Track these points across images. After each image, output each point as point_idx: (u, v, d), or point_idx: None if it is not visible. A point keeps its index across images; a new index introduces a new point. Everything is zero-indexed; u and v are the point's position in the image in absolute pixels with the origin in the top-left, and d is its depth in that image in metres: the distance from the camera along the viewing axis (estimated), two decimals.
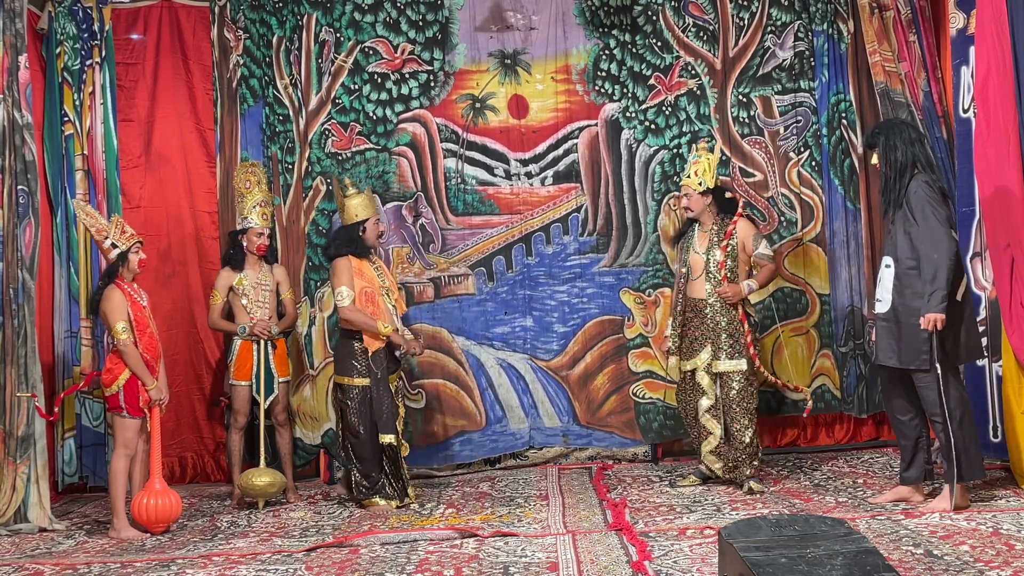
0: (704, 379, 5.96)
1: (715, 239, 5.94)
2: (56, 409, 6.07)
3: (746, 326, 5.87)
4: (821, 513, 5.01)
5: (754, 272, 6.01)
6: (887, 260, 5.20)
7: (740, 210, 6.00)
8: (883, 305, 5.19)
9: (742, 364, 5.84)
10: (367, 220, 6.10)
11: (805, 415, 6.49)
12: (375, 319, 5.93)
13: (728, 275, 5.88)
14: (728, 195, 6.09)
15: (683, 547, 4.52)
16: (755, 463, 5.87)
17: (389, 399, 5.95)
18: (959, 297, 5.05)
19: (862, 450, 6.90)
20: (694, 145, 6.68)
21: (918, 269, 5.01)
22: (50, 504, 5.88)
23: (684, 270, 6.11)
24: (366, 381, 5.95)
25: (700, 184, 5.98)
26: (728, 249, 5.89)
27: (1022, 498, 5.15)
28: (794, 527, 3.47)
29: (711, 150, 6.17)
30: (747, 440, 5.84)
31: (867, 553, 3.14)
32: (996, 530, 4.50)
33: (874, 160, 5.29)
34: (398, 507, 5.91)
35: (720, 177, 6.40)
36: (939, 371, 4.93)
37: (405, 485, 6.02)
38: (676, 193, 6.92)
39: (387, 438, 5.92)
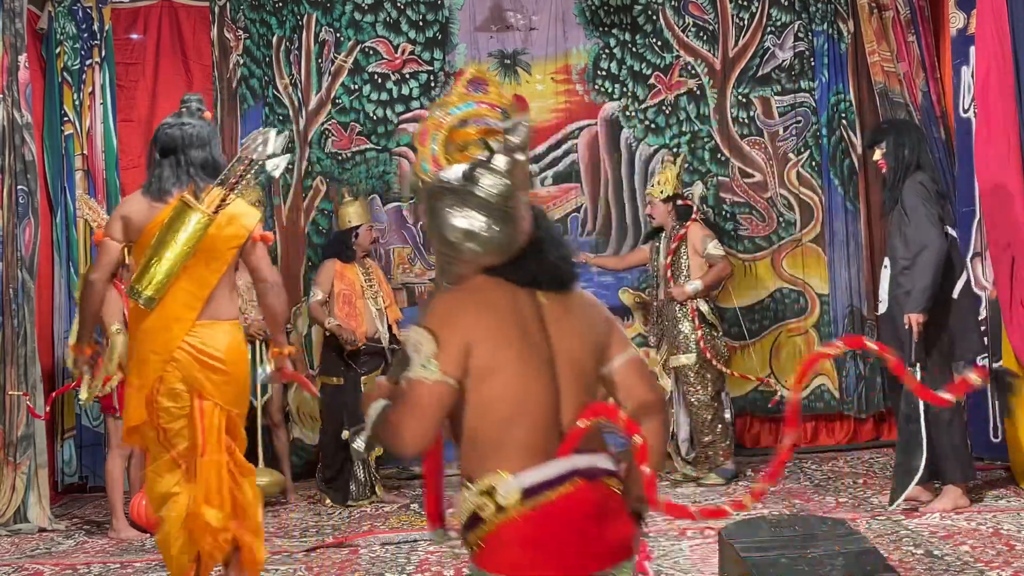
0: (660, 375, 6.28)
1: (670, 244, 6.27)
2: (47, 409, 6.04)
3: (696, 322, 6.12)
4: (821, 513, 5.01)
5: None
6: (886, 261, 5.22)
7: (694, 215, 6.28)
8: (883, 306, 5.20)
9: (691, 358, 6.12)
10: (359, 227, 6.22)
11: (771, 405, 6.64)
12: (349, 320, 6.03)
13: (675, 277, 6.20)
14: (681, 202, 6.31)
15: (683, 547, 4.52)
16: (717, 454, 6.11)
17: (354, 398, 5.93)
18: (955, 295, 5.04)
19: (862, 450, 6.90)
20: (662, 157, 6.98)
21: (911, 270, 5.00)
22: (50, 504, 5.88)
23: (652, 273, 6.50)
24: (333, 380, 6.07)
25: (661, 192, 6.31)
26: (675, 253, 6.22)
27: (1022, 498, 5.15)
28: (794, 527, 3.47)
29: (675, 162, 6.55)
30: (706, 439, 6.11)
31: (867, 553, 3.14)
32: (996, 530, 4.50)
33: (876, 156, 5.25)
34: (349, 505, 6.00)
35: (702, 186, 6.83)
36: (920, 371, 4.91)
37: (372, 484, 6.09)
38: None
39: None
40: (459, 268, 2.18)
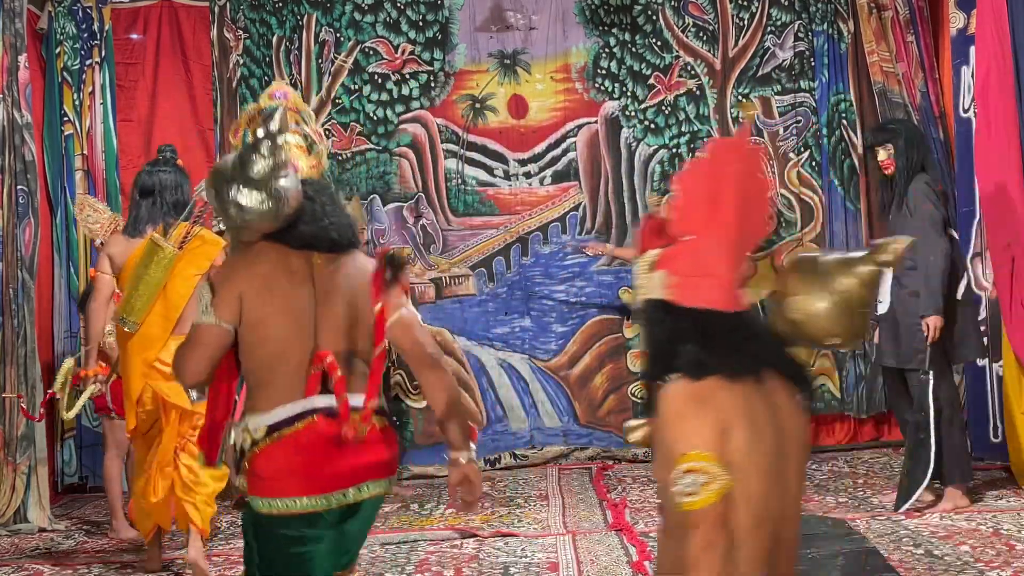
0: None
1: None
2: (41, 410, 6.01)
3: None
4: (821, 513, 5.02)
5: None
6: None
7: None
8: (883, 306, 5.19)
9: None
10: None
11: None
12: None
13: None
14: None
15: None
16: None
17: None
18: (959, 296, 5.04)
19: (862, 450, 6.89)
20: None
21: (915, 269, 5.01)
22: (50, 504, 5.88)
23: None
24: None
25: None
26: None
27: (1022, 498, 5.15)
28: None
29: None
30: None
31: (867, 553, 3.14)
32: (996, 530, 4.50)
33: (882, 156, 5.22)
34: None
35: None
36: (931, 372, 4.92)
37: None
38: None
39: None
40: (242, 235, 2.56)
